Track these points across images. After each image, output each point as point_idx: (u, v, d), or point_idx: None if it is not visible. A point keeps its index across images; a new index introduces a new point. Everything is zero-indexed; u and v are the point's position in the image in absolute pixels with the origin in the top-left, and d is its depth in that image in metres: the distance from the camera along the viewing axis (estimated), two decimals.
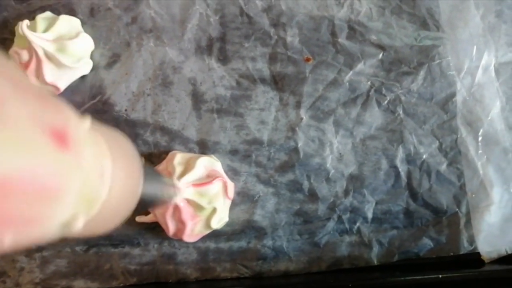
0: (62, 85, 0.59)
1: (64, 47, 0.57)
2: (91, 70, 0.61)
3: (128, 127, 0.59)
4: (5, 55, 0.58)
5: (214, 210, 0.52)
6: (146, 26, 0.62)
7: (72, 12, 0.62)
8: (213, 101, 0.59)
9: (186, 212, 0.51)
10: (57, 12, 0.61)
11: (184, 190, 0.50)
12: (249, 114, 0.59)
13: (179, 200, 0.50)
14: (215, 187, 0.53)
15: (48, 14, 0.60)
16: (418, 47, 0.60)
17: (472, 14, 0.62)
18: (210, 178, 0.53)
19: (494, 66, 0.60)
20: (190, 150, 0.58)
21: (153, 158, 0.58)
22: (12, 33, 0.59)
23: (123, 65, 0.61)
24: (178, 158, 0.55)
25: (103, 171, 0.30)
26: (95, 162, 0.29)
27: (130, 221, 0.52)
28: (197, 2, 0.62)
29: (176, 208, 0.51)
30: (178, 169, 0.53)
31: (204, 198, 0.52)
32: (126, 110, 0.59)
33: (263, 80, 0.59)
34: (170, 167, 0.54)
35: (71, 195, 0.25)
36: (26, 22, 0.56)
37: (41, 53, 0.56)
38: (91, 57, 0.61)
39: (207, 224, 0.53)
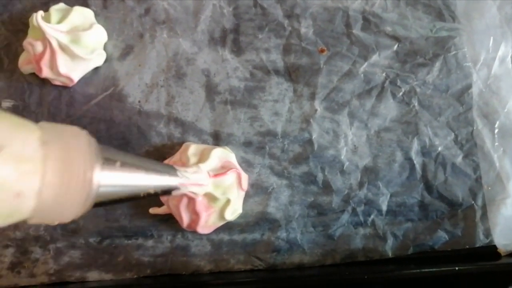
0: (76, 77, 0.59)
1: (78, 38, 0.57)
2: (105, 62, 0.60)
3: (142, 118, 0.58)
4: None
5: (228, 202, 0.52)
6: (159, 18, 0.61)
7: (85, 4, 0.62)
8: (226, 93, 0.59)
9: (200, 203, 0.51)
10: (71, 3, 0.61)
11: (207, 178, 0.50)
12: (263, 105, 0.58)
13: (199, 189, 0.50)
14: (230, 178, 0.53)
15: (61, 5, 0.60)
16: (433, 38, 0.59)
17: (488, 5, 0.61)
18: (224, 169, 0.53)
19: (511, 57, 0.59)
20: (204, 142, 0.58)
21: (166, 150, 0.58)
22: (26, 25, 0.59)
23: (137, 57, 0.60)
24: (192, 149, 0.54)
25: (21, 190, 0.30)
26: (10, 185, 0.29)
27: (144, 213, 0.52)
28: None
29: (190, 199, 0.51)
30: (192, 160, 0.53)
31: (218, 189, 0.52)
32: (139, 101, 0.59)
33: (277, 72, 0.59)
34: (184, 158, 0.54)
35: None
36: (40, 13, 0.56)
37: (55, 44, 0.56)
38: (105, 49, 0.61)
39: (221, 215, 0.53)
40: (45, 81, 0.59)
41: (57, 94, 0.60)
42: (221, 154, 0.54)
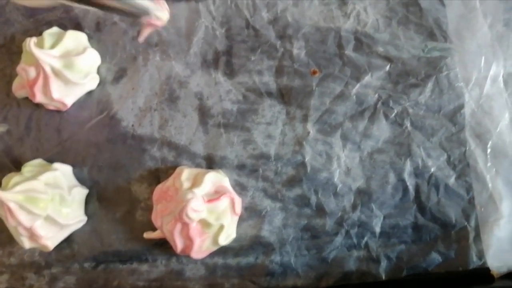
0: (69, 101, 0.59)
1: (71, 63, 0.57)
2: (98, 85, 0.61)
3: (135, 142, 0.59)
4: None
5: (221, 227, 0.52)
6: (152, 40, 0.61)
7: (78, 27, 0.62)
8: (219, 116, 0.59)
9: (194, 229, 0.51)
10: (64, 26, 0.61)
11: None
12: (256, 128, 0.58)
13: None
14: (223, 203, 0.53)
15: (55, 29, 0.60)
16: (425, 59, 0.59)
17: (480, 23, 0.61)
18: (217, 194, 0.53)
19: (502, 76, 0.59)
20: (197, 165, 0.58)
21: (160, 174, 0.58)
22: (20, 49, 0.59)
23: (130, 80, 0.61)
24: (186, 173, 0.55)
25: None
26: None
27: (138, 238, 0.52)
28: (202, 15, 0.62)
29: (184, 225, 0.51)
30: (186, 185, 0.54)
31: (212, 214, 0.52)
32: (133, 125, 0.59)
33: (269, 94, 0.59)
34: (177, 183, 0.54)
35: None
36: (33, 40, 0.56)
37: (48, 70, 0.56)
38: (98, 72, 0.61)
39: (215, 240, 0.53)
40: (38, 105, 0.60)
41: (51, 118, 0.60)
42: (214, 179, 0.55)
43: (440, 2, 0.62)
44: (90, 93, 0.61)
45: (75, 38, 0.60)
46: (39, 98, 0.58)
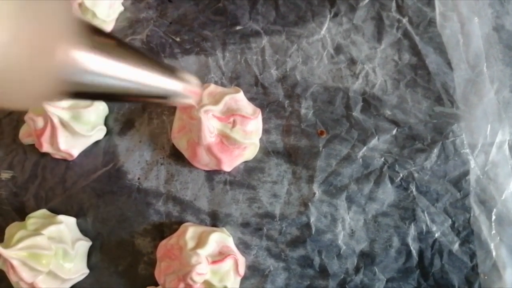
0: (76, 152, 0.59)
1: (79, 115, 0.58)
2: (105, 135, 0.61)
3: (141, 196, 0.59)
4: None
5: None
6: None
7: None
8: (226, 173, 0.59)
9: None
10: None
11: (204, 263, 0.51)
12: (262, 187, 0.59)
13: None
14: (227, 264, 0.53)
15: None
16: (432, 124, 0.60)
17: (487, 88, 0.62)
18: (222, 255, 0.53)
19: (508, 143, 0.60)
20: (202, 221, 0.58)
21: (164, 228, 0.58)
22: None
23: (137, 132, 0.61)
24: (190, 232, 0.55)
25: None
26: None
27: None
28: (212, 70, 0.63)
29: (188, 286, 0.51)
30: (190, 244, 0.53)
31: (215, 276, 0.52)
32: (139, 178, 0.59)
33: (276, 153, 0.59)
34: (181, 242, 0.54)
35: None
36: None
37: (56, 121, 0.57)
38: (106, 122, 0.61)
39: None
40: (44, 154, 0.60)
41: (56, 167, 0.60)
42: (218, 239, 0.55)
43: (447, 65, 0.63)
44: (97, 143, 0.61)
45: None
46: (46, 148, 0.58)
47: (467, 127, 0.60)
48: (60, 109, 0.57)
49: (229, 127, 0.56)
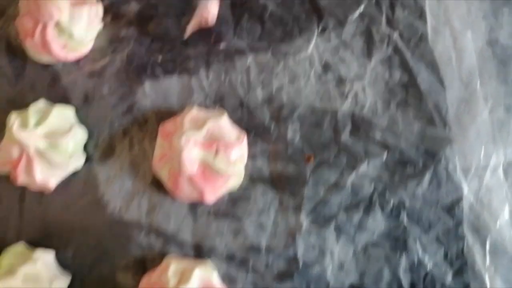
0: (53, 183, 0.57)
1: (56, 143, 0.56)
2: (85, 162, 0.59)
3: (122, 228, 0.57)
4: None
5: None
6: (141, 118, 0.59)
7: (66, 99, 0.60)
8: None
9: None
10: (52, 97, 0.59)
11: None
12: (247, 217, 0.56)
13: None
14: None
15: (41, 104, 0.58)
16: (424, 148, 0.58)
17: (480, 108, 0.60)
18: None
19: (502, 166, 0.58)
20: (185, 254, 0.56)
21: (147, 262, 0.56)
22: (3, 120, 0.56)
23: (118, 159, 0.59)
24: (173, 268, 0.53)
25: None
26: None
27: None
28: (195, 91, 0.61)
29: None
30: (172, 282, 0.52)
31: None
32: (120, 209, 0.57)
33: (262, 180, 0.57)
34: (164, 278, 0.52)
35: None
36: (17, 121, 0.54)
37: (32, 151, 0.55)
38: (85, 148, 0.59)
39: None
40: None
41: (34, 198, 0.58)
42: (202, 275, 0.53)
43: (440, 83, 0.60)
44: (76, 172, 0.58)
45: (62, 115, 0.58)
46: (21, 180, 0.56)
47: (460, 150, 0.58)
48: (36, 138, 0.54)
49: (212, 156, 0.53)
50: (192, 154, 0.52)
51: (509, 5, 0.64)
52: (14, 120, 0.55)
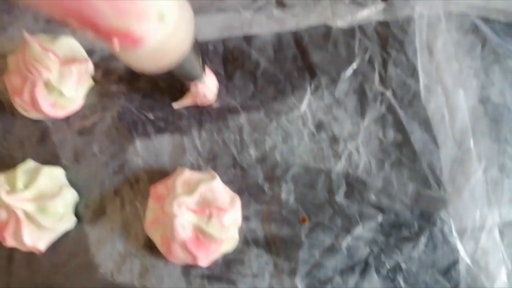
0: (43, 246, 0.56)
1: (45, 206, 0.55)
2: (75, 223, 0.57)
3: None
4: None
5: None
6: (133, 178, 0.58)
7: (55, 158, 0.59)
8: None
9: None
10: (40, 157, 0.58)
11: None
12: (242, 281, 0.55)
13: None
14: None
15: (29, 164, 0.57)
16: (419, 210, 0.57)
17: (474, 167, 0.60)
18: None
19: (498, 227, 0.57)
20: None
21: None
22: None
23: (109, 220, 0.58)
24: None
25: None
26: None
27: None
28: (188, 150, 0.60)
29: None
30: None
31: None
32: (111, 272, 0.56)
33: (257, 243, 0.57)
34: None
35: None
36: (5, 189, 0.52)
37: (20, 215, 0.53)
38: (76, 208, 0.58)
39: None
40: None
41: (23, 260, 0.56)
42: None
43: (433, 142, 0.60)
44: (67, 233, 0.57)
45: (51, 176, 0.57)
46: (10, 242, 0.55)
47: (455, 212, 0.58)
48: (24, 202, 0.53)
49: (205, 221, 0.52)
50: (184, 219, 0.51)
51: (499, 62, 0.64)
52: (2, 183, 0.53)
